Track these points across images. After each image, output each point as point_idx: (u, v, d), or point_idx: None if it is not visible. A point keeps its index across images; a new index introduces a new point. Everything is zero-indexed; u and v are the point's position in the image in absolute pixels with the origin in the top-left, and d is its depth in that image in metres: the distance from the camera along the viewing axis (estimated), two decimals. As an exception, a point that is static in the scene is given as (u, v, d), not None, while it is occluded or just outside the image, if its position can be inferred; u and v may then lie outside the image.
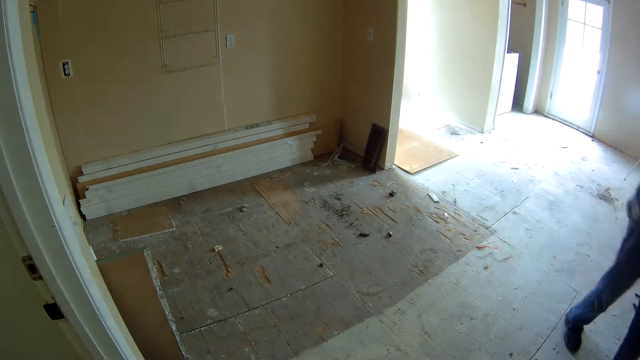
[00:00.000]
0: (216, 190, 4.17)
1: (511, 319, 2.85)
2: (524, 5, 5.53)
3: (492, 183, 4.37)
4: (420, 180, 4.40)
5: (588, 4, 5.02)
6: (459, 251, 3.44)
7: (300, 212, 3.88)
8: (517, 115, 5.90)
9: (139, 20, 3.49)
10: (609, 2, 4.69)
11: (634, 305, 2.95)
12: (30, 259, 1.29)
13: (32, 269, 1.31)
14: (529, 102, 5.93)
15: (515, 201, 4.08)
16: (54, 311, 1.40)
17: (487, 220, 3.80)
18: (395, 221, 3.78)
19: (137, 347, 1.95)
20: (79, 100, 3.44)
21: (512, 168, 4.64)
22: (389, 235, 3.61)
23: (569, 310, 2.84)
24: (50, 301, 1.38)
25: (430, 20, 5.69)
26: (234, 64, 4.05)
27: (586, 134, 5.34)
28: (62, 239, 1.32)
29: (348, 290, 3.07)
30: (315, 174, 4.48)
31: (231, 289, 3.05)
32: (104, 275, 1.93)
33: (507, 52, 5.21)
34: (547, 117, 5.84)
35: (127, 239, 3.48)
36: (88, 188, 3.59)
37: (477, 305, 2.95)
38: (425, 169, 4.58)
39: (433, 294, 3.05)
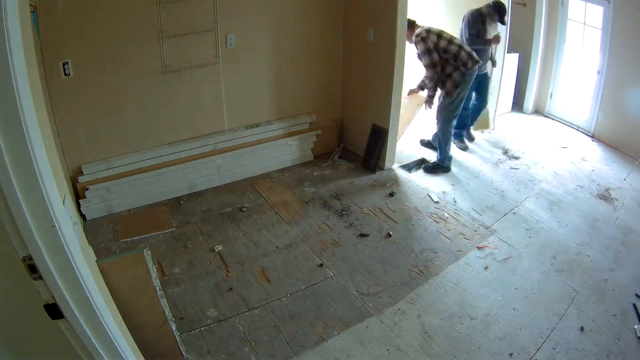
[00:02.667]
0: (216, 190, 4.17)
1: (511, 319, 2.85)
2: (524, 5, 5.53)
3: (492, 183, 4.37)
4: (420, 180, 4.40)
5: (588, 4, 5.03)
6: (459, 251, 3.44)
7: (300, 212, 3.88)
8: (517, 115, 5.91)
9: (139, 20, 3.49)
10: (609, 2, 4.70)
11: (634, 305, 2.95)
12: (30, 259, 1.29)
13: (32, 269, 1.31)
14: (529, 102, 5.93)
15: (515, 201, 4.08)
16: (54, 311, 1.40)
17: (487, 220, 3.80)
18: (395, 221, 3.78)
19: (137, 347, 1.95)
20: (79, 100, 3.44)
21: (512, 168, 4.65)
22: (389, 235, 3.61)
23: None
24: (50, 301, 1.38)
25: (430, 21, 5.69)
26: (234, 64, 4.05)
27: (586, 134, 5.35)
28: (62, 239, 1.32)
29: (348, 290, 3.07)
30: (315, 174, 4.48)
31: (231, 289, 3.05)
32: (104, 275, 1.93)
33: (507, 52, 5.21)
34: (547, 117, 5.85)
35: (127, 239, 3.48)
36: (88, 188, 3.59)
37: (477, 305, 2.96)
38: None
39: (433, 294, 3.05)
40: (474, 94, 4.82)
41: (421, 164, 4.72)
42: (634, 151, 4.73)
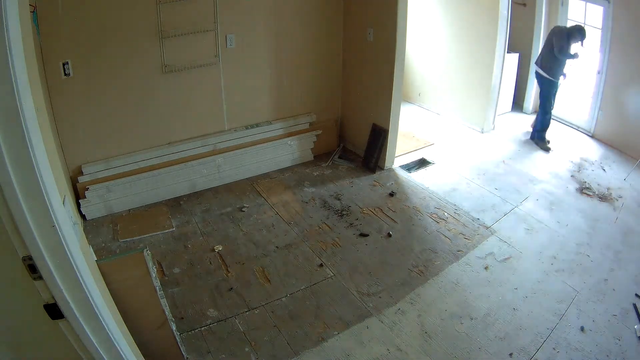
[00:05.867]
0: (216, 190, 4.17)
1: (511, 319, 2.85)
2: (524, 5, 5.53)
3: (492, 183, 4.37)
4: (420, 180, 4.40)
5: (588, 4, 5.03)
6: (459, 251, 3.44)
7: (300, 212, 3.88)
8: (517, 115, 5.91)
9: (139, 20, 3.49)
10: (609, 2, 4.70)
11: (634, 305, 2.95)
12: (30, 259, 1.29)
13: (32, 269, 1.31)
14: (529, 102, 5.93)
15: (515, 201, 4.08)
16: (54, 311, 1.40)
17: (487, 220, 3.80)
18: (395, 221, 3.78)
19: (137, 347, 1.95)
20: (79, 100, 3.45)
21: (512, 168, 4.64)
22: (389, 235, 3.61)
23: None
24: (50, 301, 1.38)
25: (430, 21, 5.69)
26: (234, 64, 4.05)
27: (586, 134, 5.35)
28: (62, 239, 1.32)
29: (348, 290, 3.07)
30: (315, 174, 4.48)
31: (231, 289, 3.05)
32: (104, 275, 1.93)
33: (507, 52, 5.21)
34: (547, 117, 5.84)
35: (127, 239, 3.48)
36: (88, 188, 3.59)
37: (477, 305, 2.95)
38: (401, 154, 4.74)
39: (433, 294, 3.05)
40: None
41: (421, 164, 4.72)
42: (634, 151, 4.73)
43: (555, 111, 5.77)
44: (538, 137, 5.12)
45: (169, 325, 2.30)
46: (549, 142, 5.10)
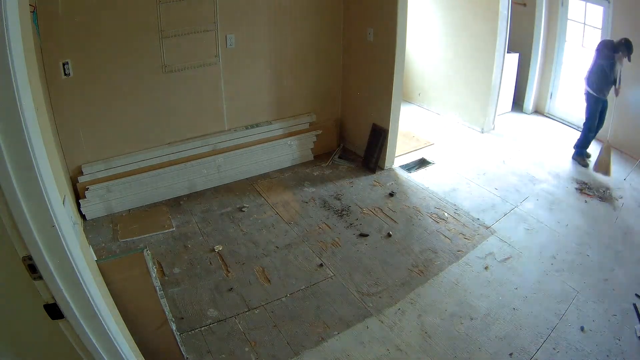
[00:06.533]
0: (216, 190, 4.17)
1: (511, 319, 2.85)
2: (524, 5, 5.53)
3: (492, 183, 4.37)
4: (420, 180, 4.40)
5: (588, 4, 5.03)
6: (459, 251, 3.44)
7: (300, 212, 3.88)
8: (517, 115, 5.91)
9: (139, 20, 3.49)
10: (609, 2, 4.70)
11: (634, 305, 2.95)
12: (30, 259, 1.29)
13: (32, 269, 1.31)
14: (529, 102, 5.93)
15: (515, 201, 4.08)
16: (54, 311, 1.40)
17: (487, 220, 3.80)
18: (395, 221, 3.78)
19: (137, 347, 1.95)
20: (79, 100, 3.45)
21: (512, 168, 4.64)
22: (389, 235, 3.61)
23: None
24: (50, 301, 1.38)
25: (430, 21, 5.69)
26: (234, 64, 4.05)
27: (586, 134, 5.34)
28: (62, 239, 1.32)
29: (348, 290, 3.07)
30: (315, 174, 4.48)
31: (231, 289, 3.05)
32: (104, 275, 1.93)
33: (507, 52, 5.21)
34: (547, 117, 5.85)
35: (127, 239, 3.48)
36: (88, 188, 3.59)
37: (477, 305, 2.96)
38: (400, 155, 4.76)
39: (433, 294, 3.05)
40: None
41: (421, 164, 4.72)
42: (634, 151, 4.73)
43: (555, 111, 5.81)
44: (577, 154, 4.84)
45: (169, 325, 2.30)
46: (589, 156, 4.83)
